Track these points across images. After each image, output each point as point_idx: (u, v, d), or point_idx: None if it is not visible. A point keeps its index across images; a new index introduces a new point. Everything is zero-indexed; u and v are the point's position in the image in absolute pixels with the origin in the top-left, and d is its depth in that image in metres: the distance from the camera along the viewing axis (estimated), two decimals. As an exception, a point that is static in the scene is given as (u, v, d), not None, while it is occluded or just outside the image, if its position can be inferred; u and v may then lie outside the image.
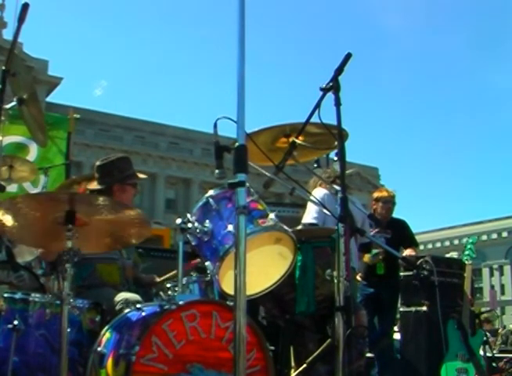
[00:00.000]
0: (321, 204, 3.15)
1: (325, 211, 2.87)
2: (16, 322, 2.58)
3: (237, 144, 1.96)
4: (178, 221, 2.71)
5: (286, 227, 2.72)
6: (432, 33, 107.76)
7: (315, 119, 2.71)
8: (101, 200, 2.57)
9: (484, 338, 4.96)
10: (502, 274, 55.67)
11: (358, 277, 5.26)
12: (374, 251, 5.37)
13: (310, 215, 4.25)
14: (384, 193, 5.74)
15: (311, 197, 3.74)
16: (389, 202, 5.69)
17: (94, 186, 3.63)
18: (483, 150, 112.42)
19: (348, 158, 2.72)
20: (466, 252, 5.07)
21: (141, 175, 3.79)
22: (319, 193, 4.15)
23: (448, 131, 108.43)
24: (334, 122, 2.67)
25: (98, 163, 3.68)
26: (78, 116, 6.32)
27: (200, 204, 2.77)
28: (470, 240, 5.26)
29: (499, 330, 13.88)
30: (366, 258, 5.45)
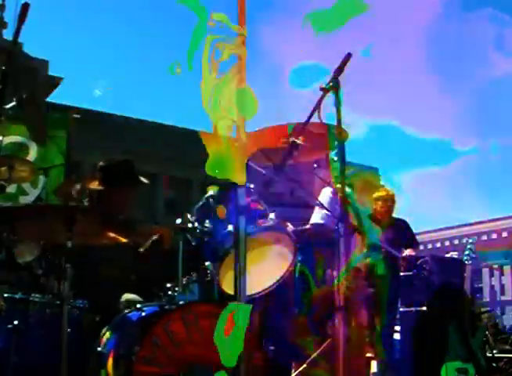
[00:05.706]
0: (320, 204, 3.15)
1: (324, 210, 2.86)
2: (16, 322, 2.58)
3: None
4: (178, 221, 2.72)
5: (286, 227, 2.72)
6: None
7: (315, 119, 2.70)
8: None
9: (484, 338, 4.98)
10: (502, 274, 55.57)
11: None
12: None
13: (319, 214, 4.20)
14: (383, 193, 5.75)
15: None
16: (388, 201, 5.69)
17: (95, 186, 3.63)
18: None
19: (348, 158, 2.71)
20: (466, 252, 5.08)
21: (143, 180, 3.78)
22: (327, 191, 4.10)
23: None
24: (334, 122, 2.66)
25: (101, 163, 3.68)
26: (78, 116, 6.32)
27: (200, 204, 2.78)
28: (470, 240, 5.27)
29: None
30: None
